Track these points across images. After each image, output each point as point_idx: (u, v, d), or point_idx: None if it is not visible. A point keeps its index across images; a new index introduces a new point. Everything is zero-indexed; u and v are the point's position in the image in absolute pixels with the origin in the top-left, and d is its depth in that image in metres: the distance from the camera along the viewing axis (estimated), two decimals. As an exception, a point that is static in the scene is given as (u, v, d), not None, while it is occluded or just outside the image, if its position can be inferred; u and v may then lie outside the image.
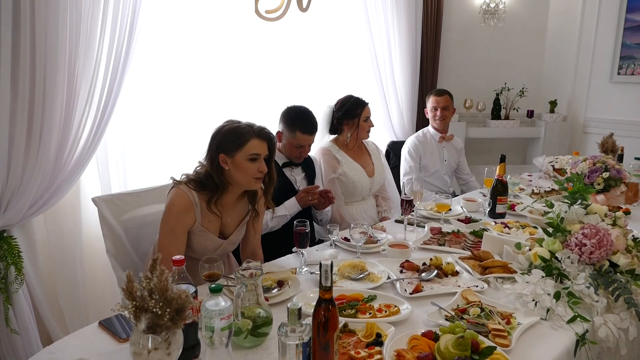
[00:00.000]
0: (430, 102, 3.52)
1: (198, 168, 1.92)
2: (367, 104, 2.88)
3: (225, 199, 1.90)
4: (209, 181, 1.85)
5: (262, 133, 1.85)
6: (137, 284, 1.09)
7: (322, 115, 2.87)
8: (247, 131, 1.83)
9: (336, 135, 2.91)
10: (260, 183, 1.89)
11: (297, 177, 2.56)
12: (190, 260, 1.82)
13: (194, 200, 1.84)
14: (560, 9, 5.06)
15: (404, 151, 3.54)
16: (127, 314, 1.08)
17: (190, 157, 2.38)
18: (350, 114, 2.83)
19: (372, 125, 2.93)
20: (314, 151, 2.84)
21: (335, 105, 2.89)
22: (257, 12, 3.23)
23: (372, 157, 3.00)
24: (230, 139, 1.82)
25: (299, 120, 2.48)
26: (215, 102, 3.19)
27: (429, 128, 3.60)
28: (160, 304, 1.06)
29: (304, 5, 3.44)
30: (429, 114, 3.55)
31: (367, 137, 2.96)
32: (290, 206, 2.47)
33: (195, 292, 1.32)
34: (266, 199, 2.01)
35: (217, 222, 1.93)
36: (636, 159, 3.19)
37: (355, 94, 2.92)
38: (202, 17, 3.04)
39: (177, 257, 1.33)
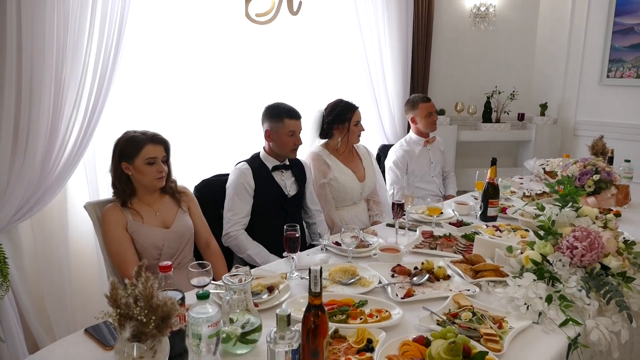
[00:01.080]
0: (421, 109, 3.44)
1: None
2: (357, 108, 2.87)
3: (143, 198, 2.08)
4: (116, 188, 2.06)
5: (155, 138, 2.04)
6: (121, 291, 1.07)
7: (312, 119, 2.86)
8: (141, 139, 2.01)
9: (326, 140, 2.89)
10: (163, 182, 2.07)
11: (287, 181, 2.53)
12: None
13: (117, 204, 2.05)
14: (550, 12, 5.10)
15: (389, 161, 3.49)
16: (112, 322, 1.06)
17: (179, 162, 2.37)
18: (341, 119, 2.81)
19: (363, 129, 2.91)
20: (304, 155, 2.82)
21: (326, 109, 2.87)
22: (247, 15, 3.22)
23: (363, 161, 2.98)
24: (128, 148, 2.01)
25: (281, 109, 2.47)
26: (205, 106, 3.17)
27: (411, 135, 3.56)
28: (146, 311, 1.04)
29: (295, 9, 3.43)
30: (422, 121, 3.47)
31: (358, 141, 2.94)
32: (265, 261, 2.28)
33: (182, 298, 1.30)
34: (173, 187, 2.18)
35: (153, 216, 2.08)
36: (626, 161, 3.21)
37: (346, 98, 2.90)
38: (192, 20, 3.02)
39: (164, 263, 1.31)
